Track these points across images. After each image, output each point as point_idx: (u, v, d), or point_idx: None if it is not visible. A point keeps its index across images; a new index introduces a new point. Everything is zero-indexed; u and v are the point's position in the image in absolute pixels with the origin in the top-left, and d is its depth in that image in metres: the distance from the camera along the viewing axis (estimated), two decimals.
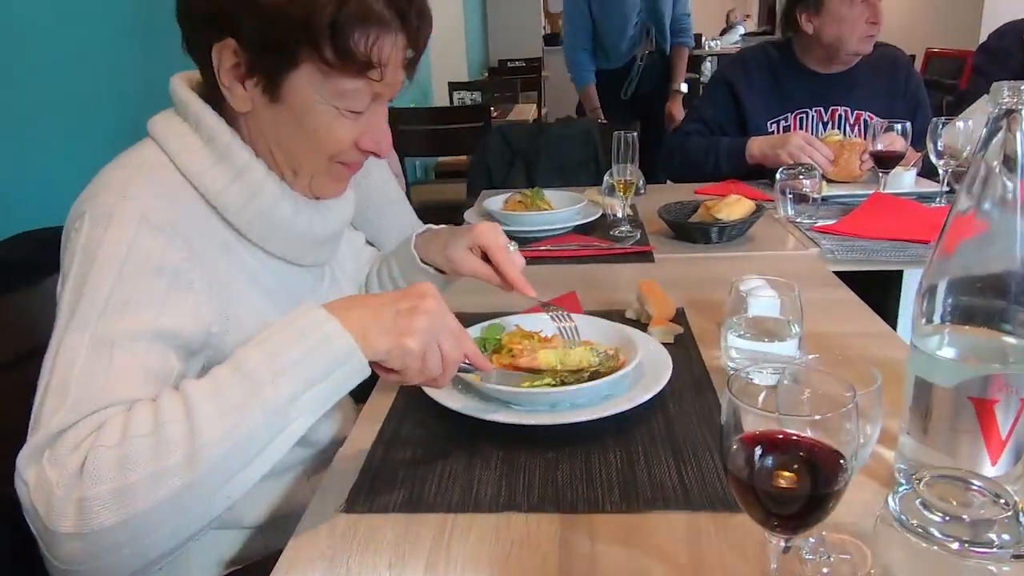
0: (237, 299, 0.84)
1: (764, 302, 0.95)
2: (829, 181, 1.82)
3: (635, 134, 1.56)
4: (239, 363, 0.69)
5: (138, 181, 0.81)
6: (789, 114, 2.13)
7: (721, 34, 10.99)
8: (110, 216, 0.77)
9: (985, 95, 1.98)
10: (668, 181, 2.34)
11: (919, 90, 2.15)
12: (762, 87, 2.15)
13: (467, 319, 1.13)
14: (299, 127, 0.86)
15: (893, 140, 1.72)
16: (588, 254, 1.49)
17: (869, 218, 1.57)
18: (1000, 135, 0.62)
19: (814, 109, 2.12)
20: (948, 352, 0.68)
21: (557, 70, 7.89)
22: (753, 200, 1.60)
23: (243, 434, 0.66)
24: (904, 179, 1.77)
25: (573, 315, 1.03)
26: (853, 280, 1.35)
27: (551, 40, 8.60)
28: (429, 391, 0.89)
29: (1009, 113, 0.61)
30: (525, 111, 4.37)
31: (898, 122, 1.71)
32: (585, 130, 2.54)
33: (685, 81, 3.64)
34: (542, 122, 4.65)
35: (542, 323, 1.03)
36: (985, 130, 0.63)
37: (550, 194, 1.74)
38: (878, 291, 1.43)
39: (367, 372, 0.73)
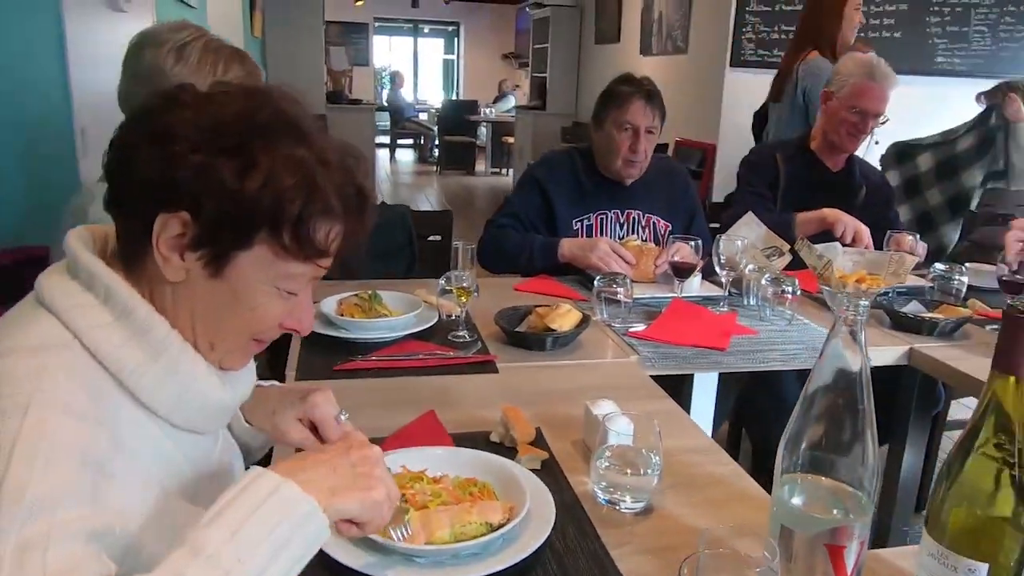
0: (154, 484, 0.78)
1: (621, 436, 1.07)
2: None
3: (473, 246, 1.66)
4: (198, 547, 0.64)
5: (49, 368, 0.72)
6: (591, 214, 2.36)
7: (495, 101, 11.69)
8: (27, 407, 0.68)
9: (751, 212, 2.33)
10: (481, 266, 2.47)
11: (695, 200, 2.50)
12: (567, 188, 2.37)
13: None
14: (234, 304, 0.82)
15: (682, 249, 1.99)
16: (435, 364, 1.54)
17: (673, 324, 1.80)
18: (840, 339, 0.78)
19: (612, 211, 2.38)
20: (798, 500, 0.83)
21: (342, 128, 7.89)
22: (574, 301, 1.78)
23: None
24: (693, 284, 2.04)
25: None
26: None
27: (334, 98, 8.57)
28: (332, 552, 0.88)
29: (851, 321, 0.77)
30: None
31: (692, 238, 1.98)
32: (401, 215, 2.59)
33: None
34: None
35: (426, 459, 1.06)
36: (829, 331, 0.79)
37: (387, 296, 1.77)
38: (670, 384, 1.64)
39: (327, 534, 0.73)
